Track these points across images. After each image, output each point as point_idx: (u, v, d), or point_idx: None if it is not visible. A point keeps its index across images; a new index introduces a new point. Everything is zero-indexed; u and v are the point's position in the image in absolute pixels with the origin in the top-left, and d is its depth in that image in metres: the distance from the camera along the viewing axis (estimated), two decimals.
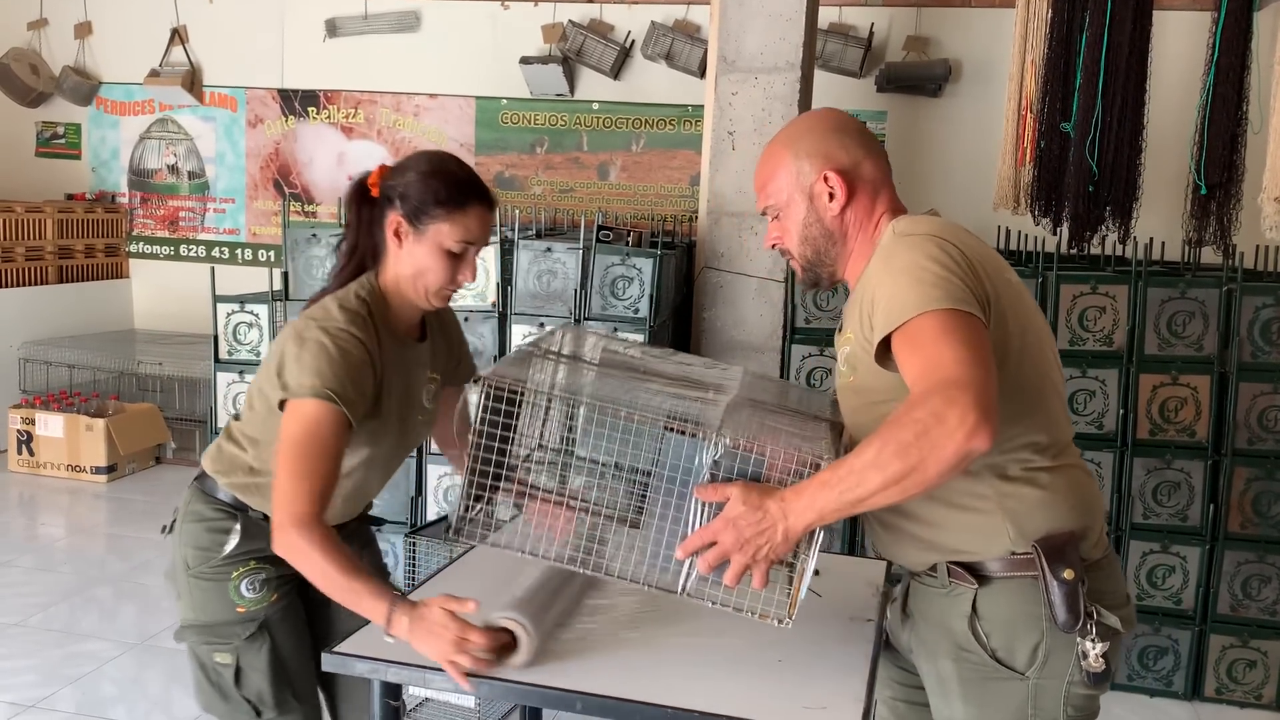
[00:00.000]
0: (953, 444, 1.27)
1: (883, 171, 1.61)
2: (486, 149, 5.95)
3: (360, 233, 1.81)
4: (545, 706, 1.57)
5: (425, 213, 1.73)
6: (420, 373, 1.88)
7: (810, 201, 1.59)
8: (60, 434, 5.22)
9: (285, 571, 1.87)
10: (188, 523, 1.86)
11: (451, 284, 1.78)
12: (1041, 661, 1.50)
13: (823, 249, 1.61)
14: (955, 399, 1.28)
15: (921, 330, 1.37)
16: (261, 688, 1.83)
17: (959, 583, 1.54)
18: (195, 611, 1.86)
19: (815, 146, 1.59)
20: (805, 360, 3.53)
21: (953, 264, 1.43)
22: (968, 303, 1.39)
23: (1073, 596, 1.46)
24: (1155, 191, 4.03)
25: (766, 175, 1.63)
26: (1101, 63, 3.74)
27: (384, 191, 1.77)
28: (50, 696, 3.06)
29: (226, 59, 6.28)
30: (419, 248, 1.74)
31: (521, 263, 3.52)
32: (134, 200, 6.53)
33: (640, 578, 1.45)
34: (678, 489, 1.45)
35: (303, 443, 1.62)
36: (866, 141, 1.61)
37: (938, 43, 5.35)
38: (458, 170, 1.78)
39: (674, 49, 5.47)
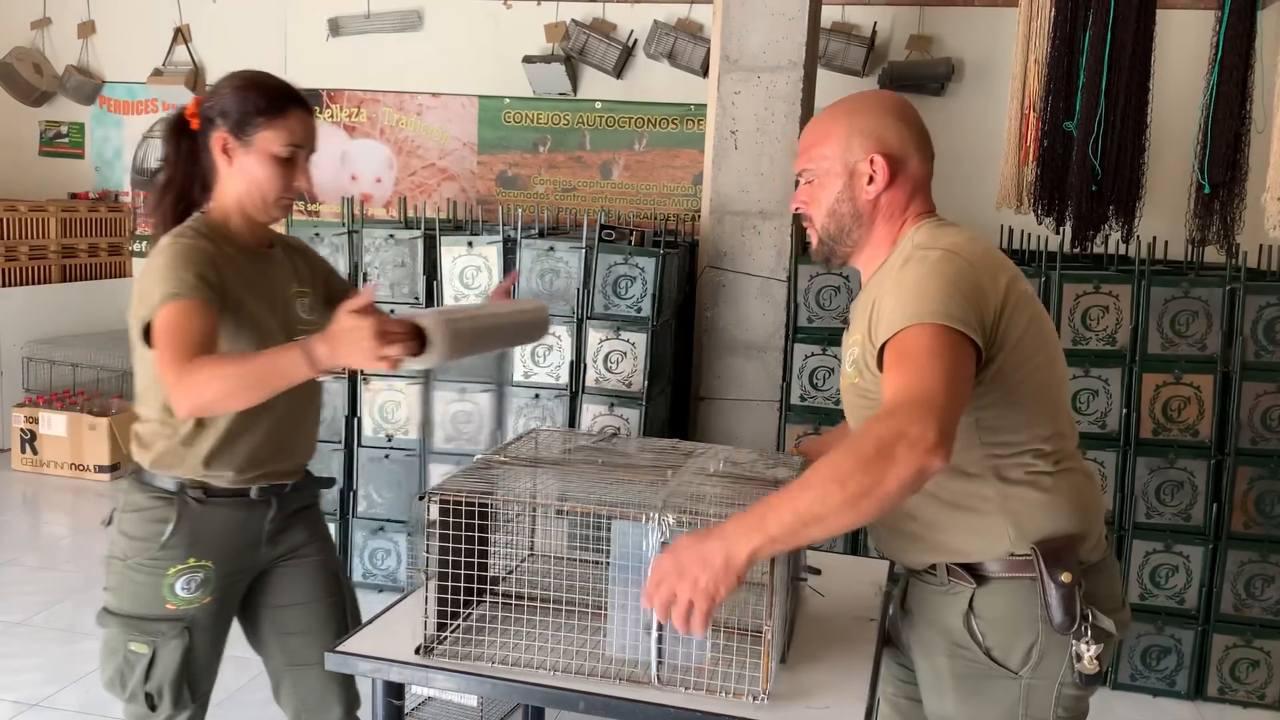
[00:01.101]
0: (915, 462, 1.27)
1: (926, 173, 1.61)
2: (489, 148, 5.95)
3: (180, 165, 1.85)
4: (548, 705, 1.58)
5: (248, 123, 1.78)
6: (284, 282, 1.90)
7: (849, 178, 1.58)
8: (63, 433, 5.23)
9: (228, 570, 1.87)
10: (125, 513, 1.86)
11: (288, 191, 1.82)
12: (1035, 662, 1.51)
13: (847, 228, 1.60)
14: (918, 416, 1.29)
15: (912, 343, 1.39)
16: (164, 683, 1.84)
17: (958, 582, 1.55)
18: (123, 601, 1.85)
19: (872, 125, 1.58)
20: (808, 360, 3.53)
21: (961, 280, 1.44)
22: (964, 322, 1.40)
23: (1069, 599, 1.47)
24: (1158, 191, 4.03)
25: (816, 139, 1.61)
26: (1105, 61, 3.74)
27: (203, 116, 1.82)
28: (54, 695, 3.06)
29: (229, 58, 6.26)
30: (249, 159, 1.79)
31: (524, 262, 3.52)
32: (137, 199, 6.53)
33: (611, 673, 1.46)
34: (631, 576, 1.46)
35: (167, 326, 1.64)
36: (921, 139, 1.61)
37: (940, 42, 5.35)
38: (270, 79, 1.83)
39: (677, 48, 5.47)
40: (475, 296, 3.56)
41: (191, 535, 1.83)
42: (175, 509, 1.82)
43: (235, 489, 1.86)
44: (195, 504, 1.83)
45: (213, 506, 1.84)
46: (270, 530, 1.92)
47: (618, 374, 3.46)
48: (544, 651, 1.53)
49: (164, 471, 1.83)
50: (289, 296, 1.91)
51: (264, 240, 1.91)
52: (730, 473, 1.69)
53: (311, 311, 1.95)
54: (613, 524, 1.46)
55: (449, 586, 1.53)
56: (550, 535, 1.81)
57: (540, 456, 1.76)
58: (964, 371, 1.39)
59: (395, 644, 1.56)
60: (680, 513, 1.43)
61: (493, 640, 1.56)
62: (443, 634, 1.55)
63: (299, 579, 1.99)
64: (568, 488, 1.58)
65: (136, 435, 1.87)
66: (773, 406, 3.65)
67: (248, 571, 1.94)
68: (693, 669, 1.44)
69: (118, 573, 1.85)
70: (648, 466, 1.69)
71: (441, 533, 1.52)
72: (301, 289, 1.95)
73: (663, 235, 3.79)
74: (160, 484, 1.83)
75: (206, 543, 1.84)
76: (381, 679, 1.55)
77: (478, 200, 5.92)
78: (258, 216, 1.84)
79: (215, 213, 1.84)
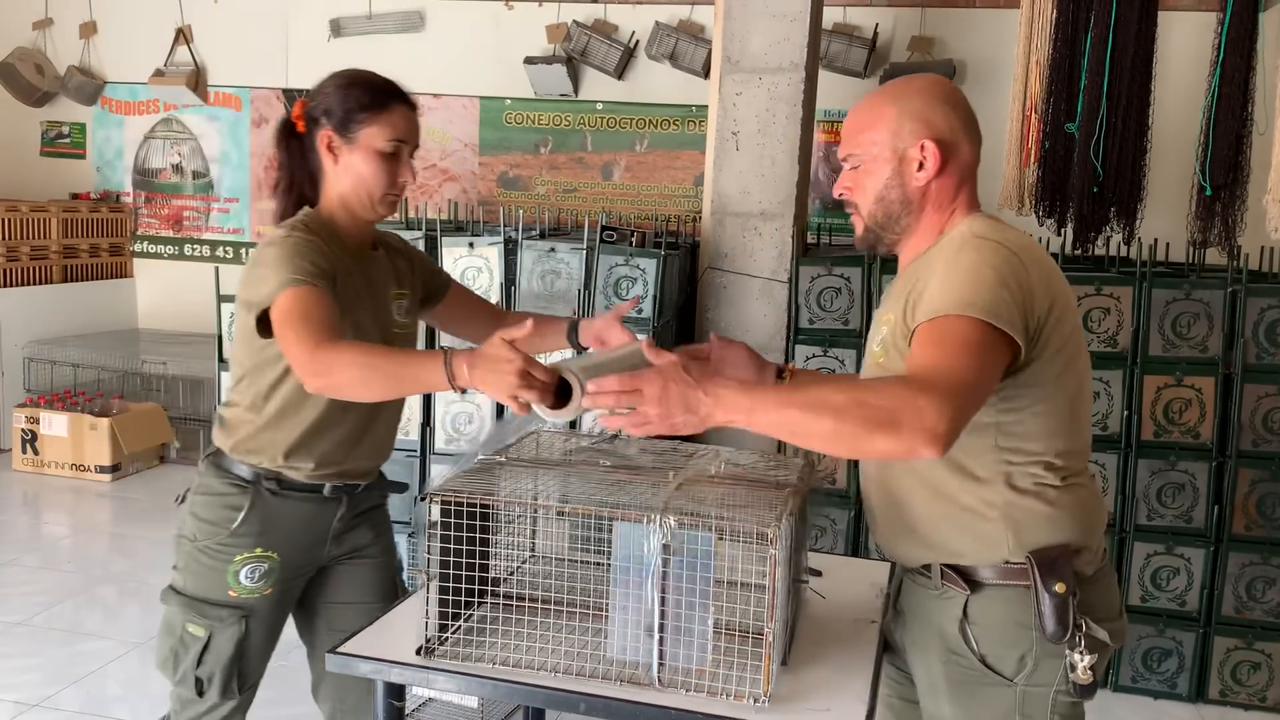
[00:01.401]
0: (913, 436, 1.28)
1: (975, 160, 1.58)
2: (490, 149, 5.95)
3: (293, 168, 1.87)
4: (548, 707, 1.57)
5: (352, 120, 1.79)
6: (385, 284, 1.91)
7: (899, 164, 1.54)
8: (64, 433, 5.23)
9: (292, 564, 1.88)
10: (199, 495, 1.87)
11: (393, 187, 1.84)
12: (1030, 670, 1.51)
13: (896, 214, 1.57)
14: (939, 399, 1.28)
15: (953, 330, 1.37)
16: (216, 669, 1.85)
17: (951, 586, 1.54)
18: (187, 581, 1.87)
19: (923, 110, 1.54)
20: (809, 361, 3.52)
21: (1013, 280, 1.41)
22: (1010, 323, 1.38)
23: (1062, 609, 1.47)
24: (1160, 192, 4.03)
25: (863, 123, 1.57)
26: (1106, 63, 3.74)
27: (308, 116, 1.83)
28: (54, 695, 3.06)
29: (231, 59, 6.28)
30: (353, 157, 1.80)
31: (525, 263, 3.52)
32: (138, 200, 6.54)
33: (612, 674, 1.46)
34: (632, 578, 1.46)
35: (291, 309, 1.65)
36: (969, 124, 1.57)
37: (942, 43, 5.35)
38: (373, 76, 1.85)
39: (678, 49, 5.47)
40: None
41: (261, 525, 1.84)
42: (249, 497, 1.83)
43: (310, 483, 1.86)
44: (269, 495, 1.84)
45: (285, 499, 1.86)
46: (337, 528, 1.94)
47: None
48: (544, 653, 1.52)
49: (243, 458, 1.84)
50: (388, 299, 1.92)
51: (368, 240, 1.91)
52: (732, 474, 1.69)
53: (407, 315, 1.96)
54: (614, 525, 1.46)
55: (450, 588, 1.53)
56: (551, 536, 1.81)
57: (541, 457, 1.76)
58: (993, 373, 1.39)
59: (396, 645, 1.56)
60: (682, 514, 1.42)
61: (493, 641, 1.56)
62: (443, 635, 1.55)
63: (358, 579, 2.00)
64: (569, 489, 1.58)
65: (221, 419, 1.88)
66: None
67: (310, 567, 1.95)
68: (694, 671, 1.44)
69: (186, 553, 1.87)
70: (649, 468, 1.68)
71: (443, 534, 1.52)
72: (400, 291, 1.95)
73: (664, 236, 3.78)
74: (237, 471, 1.85)
75: (275, 534, 1.85)
76: (382, 680, 1.55)
77: (479, 201, 5.92)
78: (363, 214, 1.84)
79: (323, 211, 1.85)
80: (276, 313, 1.68)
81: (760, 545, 1.40)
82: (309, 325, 1.63)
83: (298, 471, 1.85)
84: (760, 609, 1.44)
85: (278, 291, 1.68)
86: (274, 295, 1.68)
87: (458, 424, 3.52)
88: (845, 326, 3.53)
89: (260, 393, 1.81)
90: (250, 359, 1.81)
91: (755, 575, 1.45)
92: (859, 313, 3.51)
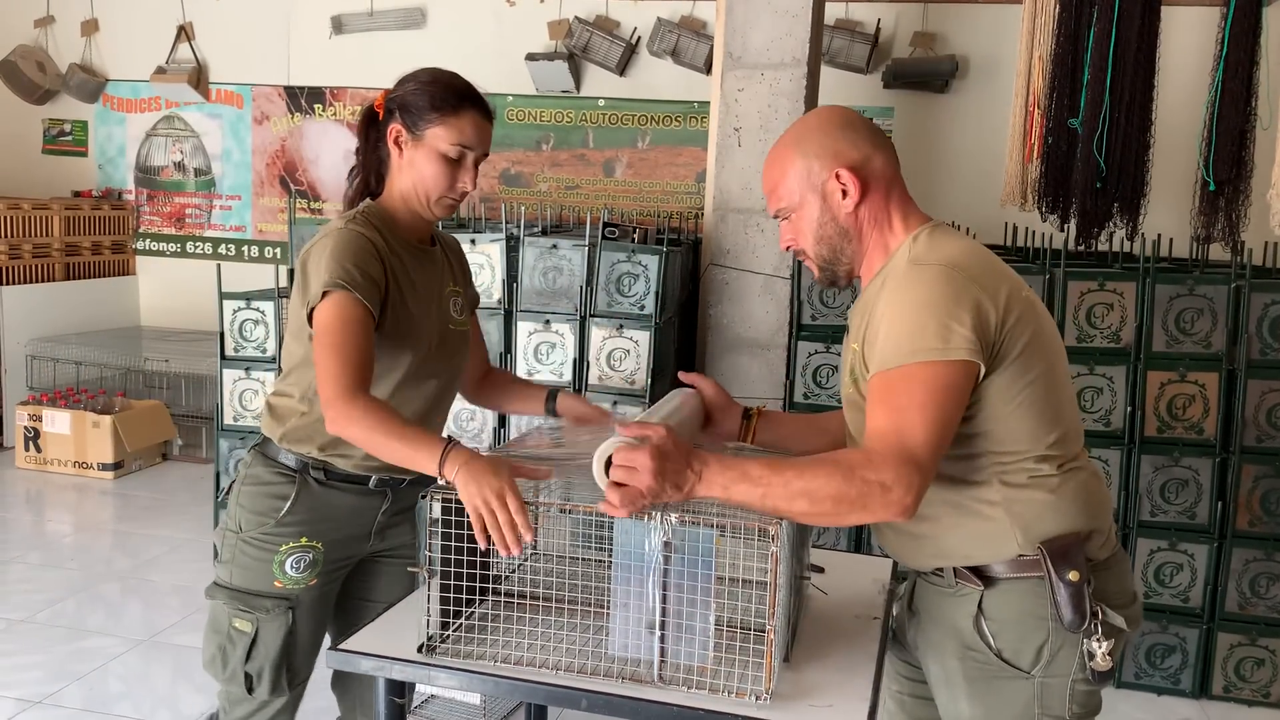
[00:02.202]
0: (882, 513, 1.36)
1: (893, 166, 1.59)
2: (492, 145, 5.93)
3: (368, 155, 1.87)
4: (550, 704, 1.57)
5: (422, 118, 1.79)
6: (442, 279, 1.92)
7: (823, 200, 1.56)
8: (67, 431, 5.23)
9: (335, 555, 1.88)
10: (246, 485, 1.87)
11: (452, 191, 1.83)
12: (1047, 660, 1.50)
13: (839, 247, 1.59)
14: (901, 473, 1.35)
15: (903, 384, 1.41)
16: (265, 664, 1.84)
17: (965, 584, 1.54)
18: (234, 575, 1.86)
19: (823, 145, 1.56)
20: (811, 357, 3.52)
21: (961, 299, 1.42)
22: (964, 348, 1.40)
23: (1078, 597, 1.46)
24: (1163, 188, 4.02)
25: (776, 178, 1.60)
26: (1109, 58, 3.73)
27: (386, 107, 1.83)
28: (57, 693, 3.06)
29: (233, 56, 6.28)
30: (418, 154, 1.80)
31: (527, 260, 3.51)
32: (140, 197, 6.54)
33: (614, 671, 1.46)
34: (633, 575, 1.45)
35: (332, 327, 1.68)
36: (874, 136, 1.59)
37: (945, 38, 5.34)
38: (454, 79, 1.84)
39: (680, 45, 5.46)
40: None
41: (307, 514, 1.84)
42: (295, 486, 1.83)
43: (356, 474, 1.87)
44: (315, 484, 1.84)
45: (331, 489, 1.86)
46: (381, 522, 1.94)
47: (621, 372, 3.46)
48: (546, 650, 1.52)
49: (292, 447, 1.84)
50: (444, 295, 1.92)
51: (426, 237, 1.92)
52: None
53: (462, 311, 1.97)
54: (615, 523, 1.46)
55: (451, 585, 1.53)
56: (552, 534, 1.80)
57: (544, 454, 1.76)
58: (954, 410, 1.41)
59: (398, 642, 1.56)
60: (683, 511, 1.42)
61: (494, 639, 1.55)
62: (445, 633, 1.55)
63: (392, 578, 2.01)
64: (572, 485, 1.58)
65: (270, 408, 1.89)
66: (776, 404, 3.65)
67: (351, 560, 1.96)
68: (695, 668, 1.43)
69: (231, 545, 1.86)
70: None
71: (444, 531, 1.51)
72: (455, 288, 1.96)
73: (666, 233, 3.78)
74: (284, 460, 1.85)
75: (320, 524, 1.85)
76: (384, 677, 1.55)
77: (481, 198, 5.91)
78: (420, 213, 1.85)
79: (382, 203, 1.85)
80: (319, 322, 1.70)
81: (762, 541, 1.40)
82: (340, 364, 1.65)
83: (346, 460, 1.85)
84: (762, 606, 1.44)
85: (319, 294, 1.69)
86: (318, 294, 1.69)
87: (460, 421, 3.52)
88: (847, 323, 3.52)
89: (313, 385, 1.80)
90: (302, 350, 1.81)
91: (757, 572, 1.45)
92: None
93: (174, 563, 4.11)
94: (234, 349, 3.80)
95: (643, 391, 3.42)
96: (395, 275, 1.79)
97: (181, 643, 3.42)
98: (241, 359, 3.78)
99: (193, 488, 5.09)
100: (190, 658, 3.29)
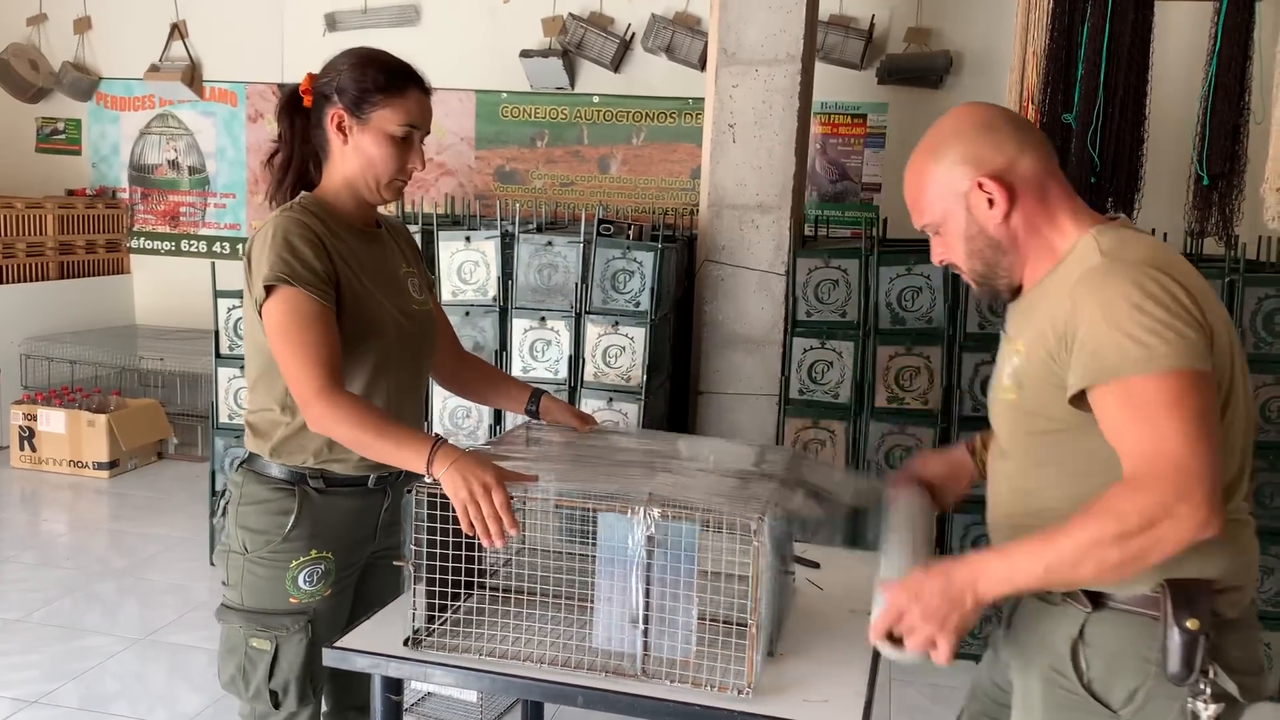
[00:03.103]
0: (1183, 538, 1.23)
1: (1046, 162, 1.46)
2: (487, 143, 5.94)
3: (295, 143, 1.84)
4: (547, 700, 1.58)
5: (366, 101, 1.76)
6: (394, 261, 1.89)
7: (969, 212, 1.44)
8: (62, 430, 5.22)
9: (346, 561, 1.87)
10: (244, 505, 1.82)
11: (402, 173, 1.81)
12: (1139, 705, 1.37)
13: (992, 260, 1.47)
14: (1187, 492, 1.22)
15: (1145, 395, 1.26)
16: (289, 679, 1.81)
17: (1072, 604, 1.42)
18: (245, 596, 1.81)
19: (963, 152, 1.44)
20: (806, 354, 3.52)
21: (1178, 307, 1.28)
22: (1200, 358, 1.27)
23: (1190, 648, 1.32)
24: (1157, 182, 4.02)
25: (917, 191, 1.49)
26: (1103, 53, 3.73)
27: (318, 92, 1.80)
28: (53, 692, 3.06)
29: (226, 54, 6.27)
30: (364, 138, 1.77)
31: (522, 256, 3.51)
32: (134, 196, 6.53)
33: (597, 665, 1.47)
34: (616, 569, 1.45)
35: (285, 325, 1.66)
36: (1020, 134, 1.46)
37: (939, 34, 5.34)
38: (391, 58, 1.81)
39: (674, 41, 5.45)
40: (473, 292, 3.55)
41: (313, 526, 1.80)
42: (296, 500, 1.79)
43: (354, 477, 1.84)
44: (316, 494, 1.81)
45: (332, 496, 1.83)
46: (385, 519, 1.92)
47: (616, 368, 3.46)
48: (531, 644, 1.53)
49: (285, 460, 1.80)
50: (399, 277, 1.89)
51: (371, 221, 1.89)
52: (719, 465, 1.69)
53: (421, 292, 1.94)
54: (599, 517, 1.46)
55: (438, 579, 1.52)
56: (538, 529, 1.80)
57: (532, 450, 1.76)
58: (1209, 416, 1.27)
59: (391, 639, 1.56)
60: (666, 506, 1.42)
61: (480, 633, 1.56)
62: (431, 626, 1.55)
63: (390, 578, 1.96)
64: (558, 480, 1.58)
65: (251, 426, 1.85)
66: (772, 400, 3.65)
67: (361, 562, 1.93)
68: (678, 661, 1.44)
69: (238, 567, 1.82)
70: (639, 459, 1.68)
71: (430, 525, 1.51)
72: (409, 269, 1.94)
73: (661, 229, 3.78)
74: (279, 474, 1.81)
75: (327, 533, 1.82)
76: (380, 674, 1.55)
77: (475, 195, 5.91)
78: (368, 198, 1.82)
79: (323, 192, 1.82)
80: (269, 322, 1.67)
81: (744, 536, 1.40)
82: (307, 360, 1.63)
83: (343, 464, 1.81)
84: (744, 600, 1.44)
85: (265, 293, 1.67)
86: (262, 291, 1.67)
87: (456, 418, 3.52)
88: (843, 319, 3.52)
89: (286, 391, 1.77)
90: (261, 355, 1.78)
91: (739, 566, 1.46)
92: (856, 305, 3.51)
93: (170, 561, 4.11)
94: (229, 347, 3.79)
95: (638, 388, 3.42)
96: (345, 261, 1.75)
97: (178, 641, 3.41)
98: (236, 357, 3.77)
99: (188, 486, 5.09)
100: (187, 656, 3.29)
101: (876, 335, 3.47)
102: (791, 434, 3.53)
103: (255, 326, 1.75)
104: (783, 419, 3.54)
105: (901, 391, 3.47)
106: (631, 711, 1.43)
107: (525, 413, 2.02)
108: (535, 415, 2.01)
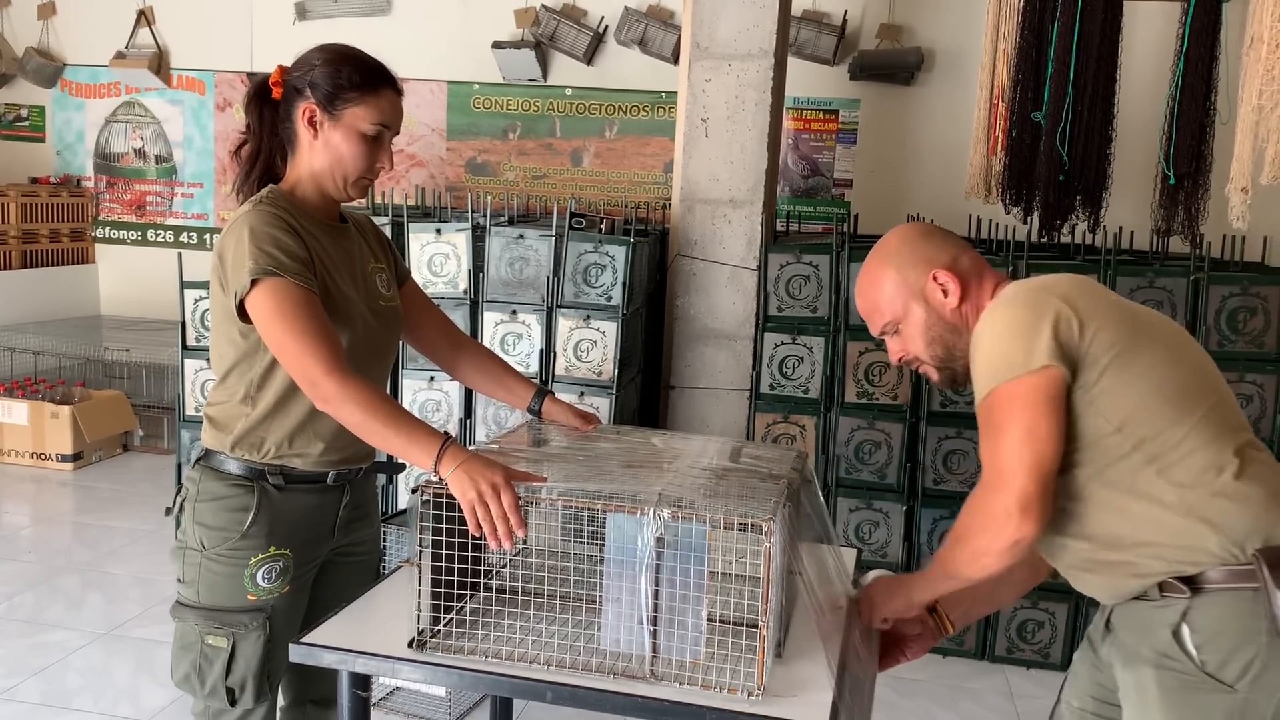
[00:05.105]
0: (1003, 531, 1.42)
1: (978, 261, 1.66)
2: (458, 134, 5.91)
3: (264, 135, 1.83)
4: (515, 696, 1.57)
5: (339, 97, 1.75)
6: (361, 256, 1.88)
7: (926, 303, 1.63)
8: (25, 421, 5.15)
9: (304, 558, 1.85)
10: (200, 502, 1.80)
11: (369, 171, 1.80)
12: (1255, 675, 1.41)
13: (951, 343, 1.64)
14: (999, 496, 1.42)
15: (992, 410, 1.47)
16: (246, 676, 1.79)
17: (1171, 595, 1.47)
18: (202, 593, 1.79)
19: (914, 255, 1.64)
20: (778, 348, 3.53)
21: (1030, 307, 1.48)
22: (1041, 354, 1.44)
23: None
24: (1125, 181, 4.07)
25: (875, 295, 1.67)
26: (1073, 52, 3.76)
27: (289, 85, 1.79)
28: (15, 687, 3.02)
29: (194, 41, 6.19)
30: (335, 134, 1.76)
31: (493, 249, 3.49)
32: (100, 184, 6.44)
33: (605, 667, 1.46)
34: (625, 570, 1.45)
35: (281, 311, 1.64)
36: (953, 239, 1.67)
37: (911, 31, 5.36)
38: (366, 56, 1.81)
39: (647, 35, 5.44)
40: (443, 284, 3.53)
41: (271, 523, 1.78)
42: (255, 496, 1.77)
43: (313, 473, 1.82)
44: (274, 490, 1.79)
45: (290, 493, 1.81)
46: (344, 517, 1.90)
47: (588, 363, 3.45)
48: (538, 645, 1.51)
49: (243, 455, 1.78)
50: (368, 273, 1.88)
51: (335, 215, 1.87)
52: (726, 465, 1.68)
53: (389, 287, 1.92)
54: (607, 517, 1.45)
55: (442, 580, 1.51)
56: (544, 529, 1.78)
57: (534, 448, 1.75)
58: (1044, 421, 1.43)
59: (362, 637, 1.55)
60: (675, 506, 1.41)
61: (485, 634, 1.54)
62: (435, 627, 1.53)
63: (349, 576, 1.96)
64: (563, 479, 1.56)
65: (211, 419, 1.82)
66: (742, 395, 3.66)
67: (319, 559, 1.91)
68: (687, 663, 1.43)
69: (194, 564, 1.79)
70: (644, 458, 1.67)
71: (435, 525, 1.50)
72: (377, 264, 1.92)
73: (633, 223, 3.77)
74: (237, 470, 1.79)
75: (285, 530, 1.80)
76: (347, 670, 1.53)
77: (446, 187, 5.88)
78: (334, 194, 1.80)
79: (288, 186, 1.81)
80: (259, 312, 1.65)
81: (755, 537, 1.39)
82: (312, 340, 1.62)
83: (303, 459, 1.80)
84: (754, 601, 1.43)
85: (249, 284, 1.64)
86: (248, 285, 1.65)
87: (425, 411, 3.50)
88: (814, 314, 3.54)
89: (253, 382, 1.76)
90: (234, 349, 1.76)
91: (749, 567, 1.45)
92: (827, 300, 3.52)
93: (135, 554, 4.06)
94: (195, 338, 3.75)
95: (610, 382, 3.42)
96: (317, 254, 1.75)
97: (143, 635, 3.38)
98: (203, 349, 3.73)
99: (154, 479, 5.03)
100: (152, 651, 3.26)
101: (847, 330, 3.48)
102: (761, 429, 3.54)
103: (226, 322, 1.73)
104: (753, 414, 3.55)
105: (871, 387, 3.49)
106: (640, 713, 1.41)
107: (527, 411, 2.01)
108: (537, 414, 2.00)
